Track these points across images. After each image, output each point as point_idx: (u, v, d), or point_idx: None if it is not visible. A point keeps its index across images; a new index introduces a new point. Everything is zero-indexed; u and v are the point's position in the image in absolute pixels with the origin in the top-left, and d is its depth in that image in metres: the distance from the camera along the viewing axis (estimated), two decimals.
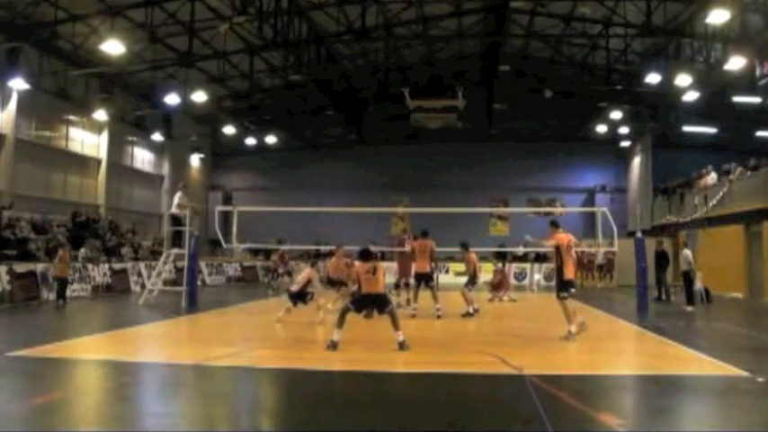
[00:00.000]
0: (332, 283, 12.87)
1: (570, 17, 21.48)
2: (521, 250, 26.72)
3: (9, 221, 18.30)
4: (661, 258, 17.31)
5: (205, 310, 14.07)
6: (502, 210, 32.39)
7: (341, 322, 8.43)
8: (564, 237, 10.06)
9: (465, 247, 14.15)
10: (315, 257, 15.72)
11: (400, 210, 27.21)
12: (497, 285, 17.97)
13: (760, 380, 6.54)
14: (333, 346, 8.24)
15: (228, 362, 7.57)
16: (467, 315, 12.91)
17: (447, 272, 25.98)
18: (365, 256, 9.08)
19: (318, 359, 7.99)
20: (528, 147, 32.47)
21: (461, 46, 25.90)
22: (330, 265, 13.21)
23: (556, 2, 20.82)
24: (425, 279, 12.83)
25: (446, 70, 27.28)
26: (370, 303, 9.11)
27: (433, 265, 13.00)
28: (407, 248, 13.95)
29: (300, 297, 11.51)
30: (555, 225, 10.37)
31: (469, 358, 8.13)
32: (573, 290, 10.08)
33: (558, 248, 9.99)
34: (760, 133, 25.66)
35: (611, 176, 33.04)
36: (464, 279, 14.23)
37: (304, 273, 11.92)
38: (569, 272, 9.96)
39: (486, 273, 27.32)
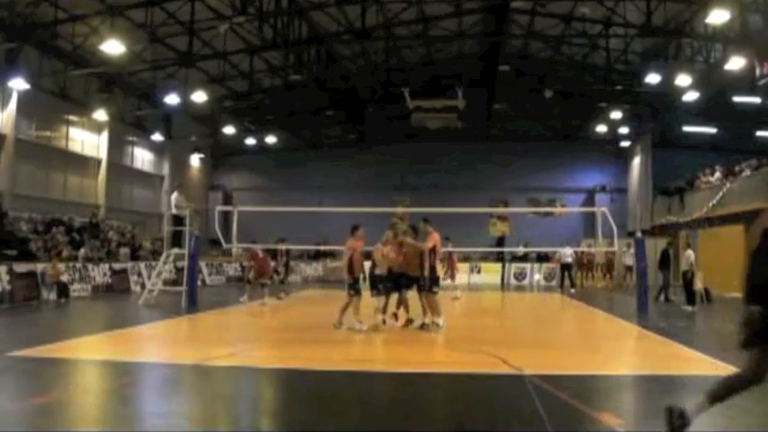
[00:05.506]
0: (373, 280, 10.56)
1: (570, 17, 21.49)
2: (521, 250, 26.75)
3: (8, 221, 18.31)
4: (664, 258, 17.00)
5: (205, 310, 14.05)
6: (502, 210, 32.39)
7: None
8: (438, 237, 10.48)
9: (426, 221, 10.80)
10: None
11: (400, 210, 27.12)
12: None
13: None
14: None
15: (228, 362, 7.56)
16: (422, 327, 10.46)
17: None
18: None
19: (318, 359, 7.99)
20: (528, 147, 32.48)
21: (461, 46, 25.89)
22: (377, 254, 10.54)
23: (556, 2, 20.82)
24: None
25: (446, 70, 27.27)
26: None
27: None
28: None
29: (374, 283, 10.31)
30: (428, 222, 10.61)
31: (469, 358, 8.12)
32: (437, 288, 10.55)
33: (434, 248, 10.27)
34: (760, 133, 25.66)
35: (611, 176, 33.04)
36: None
37: (346, 246, 10.40)
38: (440, 269, 11.09)
39: (488, 273, 27.22)
